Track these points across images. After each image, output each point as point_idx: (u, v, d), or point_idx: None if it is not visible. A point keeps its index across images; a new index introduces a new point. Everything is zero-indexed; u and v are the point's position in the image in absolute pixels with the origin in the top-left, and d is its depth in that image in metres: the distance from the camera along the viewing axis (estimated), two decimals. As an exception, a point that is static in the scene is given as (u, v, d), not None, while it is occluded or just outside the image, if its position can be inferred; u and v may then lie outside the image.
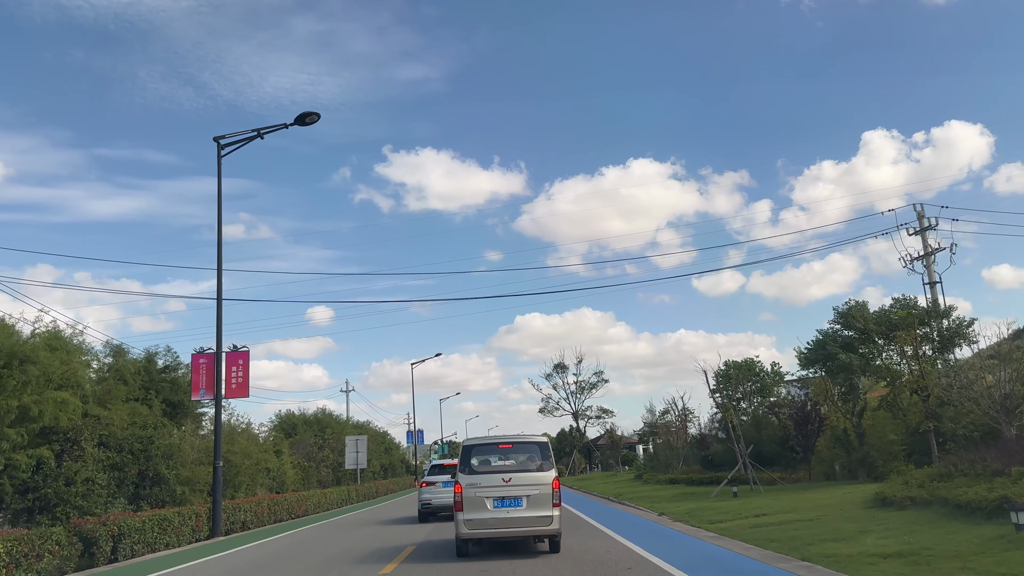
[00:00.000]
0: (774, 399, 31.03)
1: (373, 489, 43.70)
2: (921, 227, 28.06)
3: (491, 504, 11.31)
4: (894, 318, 21.50)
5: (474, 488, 11.38)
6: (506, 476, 11.52)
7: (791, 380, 31.67)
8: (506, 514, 11.27)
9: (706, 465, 33.08)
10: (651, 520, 17.76)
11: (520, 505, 11.30)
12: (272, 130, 20.87)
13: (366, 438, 41.41)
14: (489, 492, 11.35)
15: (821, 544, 11.14)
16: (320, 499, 30.57)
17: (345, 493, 35.99)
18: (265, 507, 23.56)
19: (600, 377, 64.31)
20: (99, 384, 22.01)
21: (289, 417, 47.41)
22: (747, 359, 33.35)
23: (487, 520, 11.26)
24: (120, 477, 19.26)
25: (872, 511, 14.85)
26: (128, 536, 15.10)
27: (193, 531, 18.19)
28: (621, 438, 54.83)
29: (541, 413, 65.67)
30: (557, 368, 63.85)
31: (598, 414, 64.41)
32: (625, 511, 21.41)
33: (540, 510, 11.29)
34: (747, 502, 19.76)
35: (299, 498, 27.68)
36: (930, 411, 20.20)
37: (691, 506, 20.06)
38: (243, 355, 20.12)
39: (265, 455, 28.49)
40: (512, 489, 11.36)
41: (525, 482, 11.42)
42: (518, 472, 11.60)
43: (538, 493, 11.33)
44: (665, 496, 25.35)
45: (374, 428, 66.40)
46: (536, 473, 11.56)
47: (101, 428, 18.98)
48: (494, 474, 11.64)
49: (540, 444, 12.20)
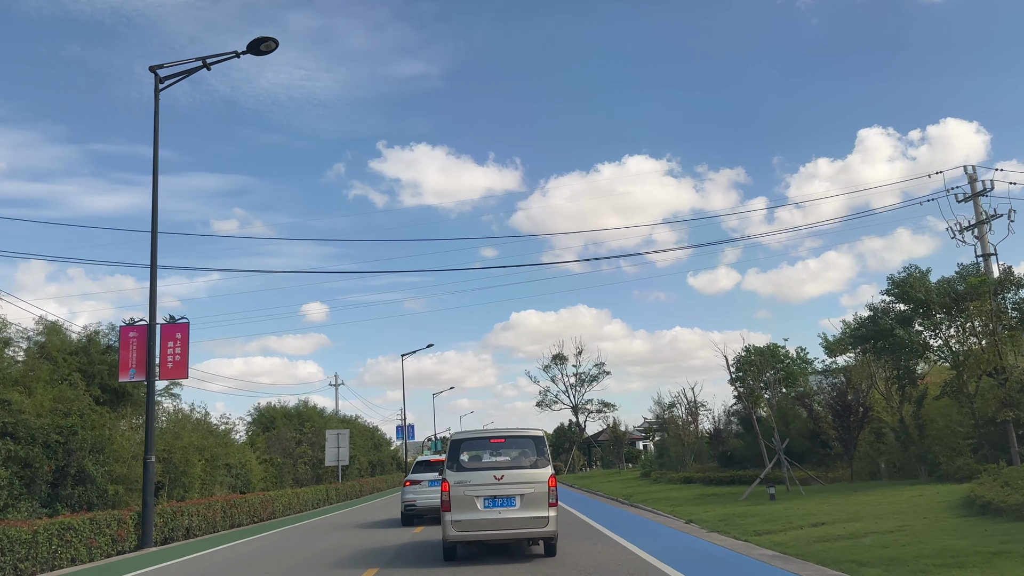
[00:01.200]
0: (801, 388, 27.62)
1: (357, 488, 40.25)
2: (973, 192, 24.71)
3: (482, 504, 10.60)
4: (962, 288, 18.09)
5: (463, 486, 10.64)
6: (498, 473, 10.75)
7: (822, 369, 28.28)
8: (498, 515, 10.55)
9: (724, 462, 29.72)
10: (678, 529, 14.38)
11: (513, 505, 10.59)
12: (220, 59, 17.38)
13: (348, 432, 37.97)
14: (480, 491, 10.62)
15: (944, 573, 7.82)
16: (291, 500, 27.17)
17: (323, 492, 32.55)
18: (218, 510, 20.14)
19: (601, 369, 60.53)
20: (19, 365, 18.61)
21: (267, 410, 43.82)
22: (770, 344, 30.01)
23: (477, 521, 10.53)
24: (29, 475, 15.83)
25: (973, 520, 11.49)
26: (9, 551, 11.68)
27: (113, 541, 14.76)
28: (625, 433, 50.83)
29: (539, 407, 61.76)
30: (556, 359, 59.96)
31: (599, 408, 60.65)
32: (641, 515, 18.06)
33: (535, 510, 10.54)
34: (791, 506, 16.39)
35: (264, 499, 24.26)
36: (1008, 398, 16.88)
37: (722, 511, 16.70)
38: (181, 328, 16.66)
39: (226, 450, 25.05)
40: (505, 487, 10.64)
41: (519, 480, 10.70)
42: (511, 469, 10.87)
43: (533, 492, 10.61)
44: (685, 498, 21.97)
45: (363, 423, 63.15)
46: (531, 470, 10.85)
47: (6, 415, 15.54)
48: (485, 471, 10.90)
49: (535, 438, 11.44)
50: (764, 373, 27.00)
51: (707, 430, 34.74)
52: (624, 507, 21.53)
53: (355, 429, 56.33)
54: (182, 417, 23.36)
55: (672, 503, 20.31)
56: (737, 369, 28.94)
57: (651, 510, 18.98)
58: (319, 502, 31.70)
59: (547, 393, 60.88)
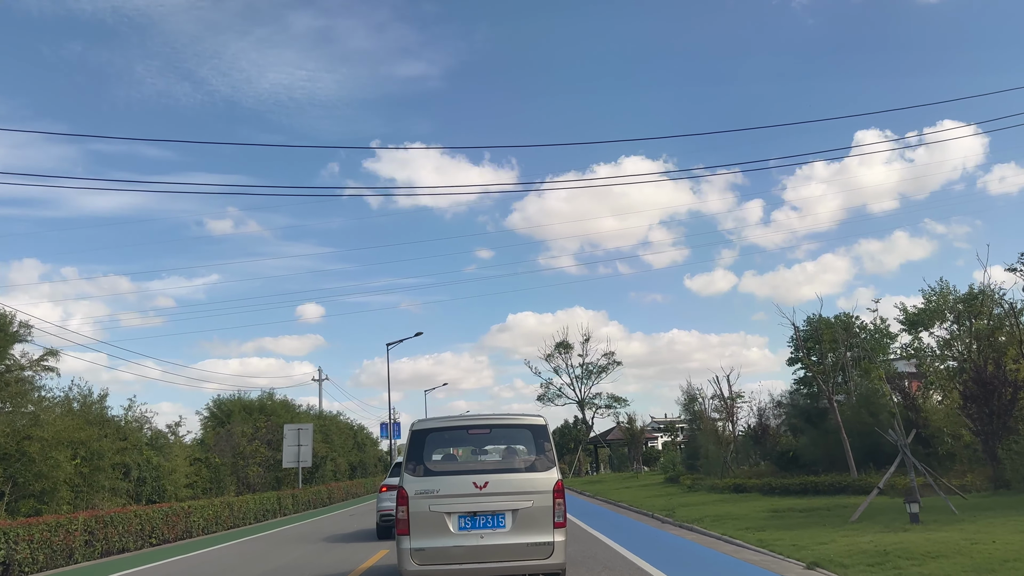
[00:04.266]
0: (882, 367, 21.19)
1: (324, 494, 33.69)
2: None
3: (455, 524, 7.12)
4: None
5: (428, 498, 7.15)
6: (480, 479, 7.20)
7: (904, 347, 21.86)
8: (479, 540, 7.05)
9: (783, 464, 23.32)
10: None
11: (502, 526, 7.12)
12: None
13: (312, 427, 31.46)
14: (453, 504, 7.14)
15: None
16: (219, 512, 20.73)
17: (273, 501, 26.07)
18: (78, 531, 13.74)
19: (611, 359, 53.39)
20: None
21: (223, 403, 37.28)
22: (843, 314, 23.41)
23: (448, 550, 7.01)
24: None
25: None
26: None
27: None
28: (641, 431, 43.41)
29: (540, 401, 54.32)
30: (560, 348, 52.96)
31: (608, 403, 53.25)
32: (707, 545, 11.66)
33: (534, 533, 7.04)
34: (967, 535, 9.97)
35: (171, 513, 17.83)
36: None
37: (844, 542, 10.33)
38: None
39: (118, 444, 18.57)
40: (489, 500, 7.13)
41: (510, 488, 7.17)
42: (499, 472, 7.29)
43: (531, 506, 7.12)
44: (752, 515, 15.55)
45: (344, 420, 56.69)
46: (528, 474, 7.30)
47: None
48: (461, 475, 7.33)
49: (534, 428, 7.64)
50: (838, 349, 20.62)
51: (748, 425, 28.32)
52: (669, 528, 15.12)
53: (334, 426, 50.04)
54: (46, 402, 16.89)
55: (740, 524, 13.93)
56: (795, 348, 22.53)
57: (719, 536, 12.55)
58: (268, 512, 25.28)
59: (549, 386, 54.12)
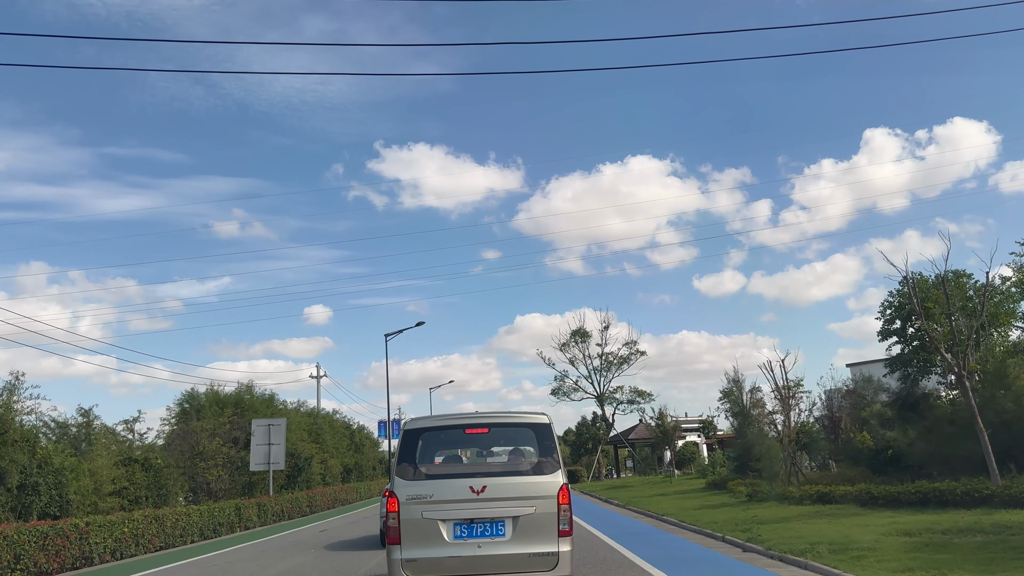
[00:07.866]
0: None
1: (304, 501, 28.65)
2: None
3: (450, 532, 6.48)
4: None
5: (420, 504, 6.51)
6: (477, 482, 6.58)
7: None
8: (476, 550, 6.42)
9: (876, 468, 18.11)
10: None
11: (501, 534, 6.45)
12: None
13: (284, 423, 26.47)
14: (447, 511, 6.50)
15: None
16: (136, 529, 15.76)
17: (229, 512, 21.05)
18: None
19: (633, 349, 46.88)
20: None
21: (195, 397, 32.34)
22: (954, 271, 18.01)
23: (443, 561, 6.41)
24: None
25: None
26: None
27: None
28: (674, 428, 36.81)
29: (554, 395, 48.51)
30: (576, 336, 46.99)
31: (631, 397, 47.03)
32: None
33: (537, 542, 6.42)
34: None
35: (50, 534, 12.86)
36: None
37: None
38: None
39: None
40: (487, 506, 6.50)
41: (511, 493, 6.57)
42: (498, 476, 6.73)
43: (533, 512, 6.50)
44: (886, 543, 10.33)
45: (341, 419, 51.82)
46: (530, 477, 6.68)
47: None
48: (456, 479, 6.73)
49: (537, 427, 6.99)
50: (953, 314, 15.45)
51: (813, 418, 23.05)
52: (761, 561, 9.97)
53: (327, 424, 45.27)
54: None
55: (878, 559, 8.81)
56: (897, 313, 17.29)
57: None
58: (221, 527, 20.31)
59: (565, 378, 48.55)
